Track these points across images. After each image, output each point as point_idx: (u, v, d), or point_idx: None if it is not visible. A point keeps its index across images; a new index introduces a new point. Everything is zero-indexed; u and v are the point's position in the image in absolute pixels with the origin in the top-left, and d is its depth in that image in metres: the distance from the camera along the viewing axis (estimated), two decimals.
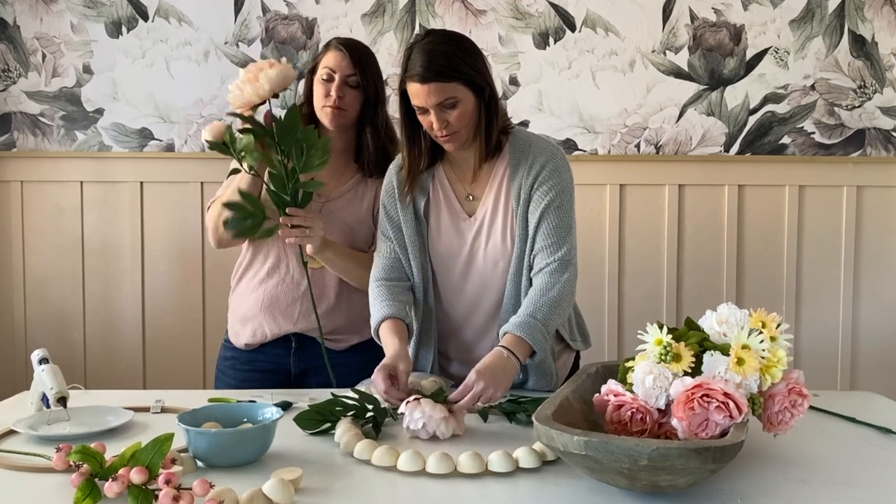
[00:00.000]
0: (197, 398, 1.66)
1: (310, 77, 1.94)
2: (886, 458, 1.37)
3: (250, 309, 1.98)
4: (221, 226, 1.88)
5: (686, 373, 1.24)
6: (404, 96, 1.69)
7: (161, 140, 2.94)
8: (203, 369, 2.96)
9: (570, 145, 2.92)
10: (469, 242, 1.77)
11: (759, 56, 2.90)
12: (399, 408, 1.50)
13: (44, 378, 1.58)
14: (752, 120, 2.92)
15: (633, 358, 1.31)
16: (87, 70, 2.92)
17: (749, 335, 1.26)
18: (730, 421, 1.18)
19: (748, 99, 2.91)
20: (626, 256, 2.96)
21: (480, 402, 1.52)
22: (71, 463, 1.19)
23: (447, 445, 1.42)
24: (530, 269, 1.73)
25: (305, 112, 1.92)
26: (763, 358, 1.26)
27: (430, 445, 1.42)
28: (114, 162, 2.95)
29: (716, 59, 2.90)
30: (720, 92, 2.91)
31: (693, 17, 2.89)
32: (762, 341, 1.26)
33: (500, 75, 2.88)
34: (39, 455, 1.35)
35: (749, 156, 2.93)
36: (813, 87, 2.91)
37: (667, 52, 2.90)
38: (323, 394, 1.66)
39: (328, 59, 1.89)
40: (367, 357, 1.83)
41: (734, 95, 2.91)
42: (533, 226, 1.72)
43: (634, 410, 1.25)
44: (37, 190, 2.97)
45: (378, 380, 1.55)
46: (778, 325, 1.31)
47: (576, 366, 1.90)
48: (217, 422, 1.38)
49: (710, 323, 1.33)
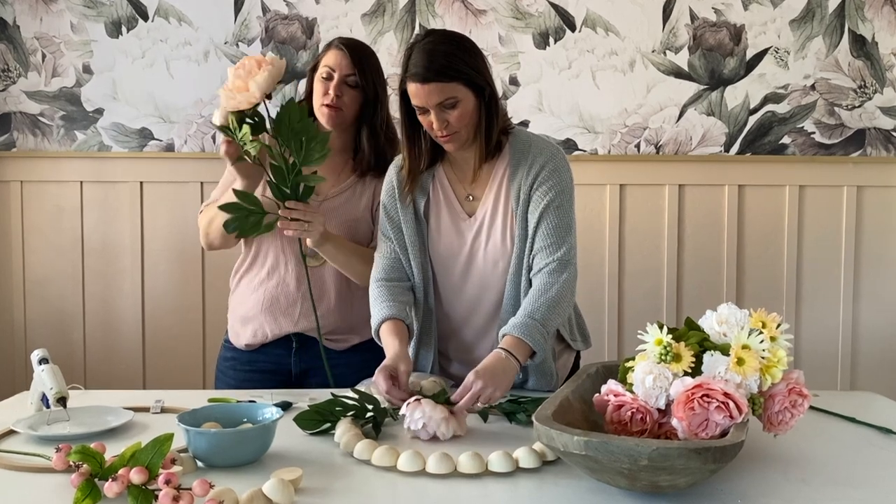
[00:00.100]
0: (197, 398, 1.66)
1: (310, 75, 1.94)
2: (887, 459, 1.37)
3: (251, 309, 1.97)
4: (214, 231, 1.92)
5: (686, 373, 1.24)
6: (404, 96, 1.69)
7: (161, 140, 2.94)
8: (203, 369, 2.96)
9: (570, 145, 2.92)
10: (469, 243, 1.77)
11: (760, 56, 2.90)
12: (400, 409, 1.50)
13: (43, 378, 1.58)
14: (753, 120, 2.92)
15: (633, 358, 1.31)
16: (87, 70, 2.92)
17: (749, 335, 1.26)
18: (730, 421, 1.18)
19: (748, 99, 2.91)
20: (626, 256, 2.96)
21: (480, 402, 1.51)
22: (71, 463, 1.19)
23: (447, 445, 1.42)
24: (530, 270, 1.73)
25: (305, 110, 1.92)
26: (763, 358, 1.26)
27: (431, 445, 1.42)
28: (114, 162, 2.95)
29: (716, 59, 2.90)
30: (720, 92, 2.91)
31: (693, 17, 2.88)
32: (762, 341, 1.26)
33: (500, 75, 2.88)
34: (39, 455, 1.35)
35: (749, 156, 2.93)
36: (813, 87, 2.91)
37: (667, 52, 2.90)
38: (323, 394, 1.66)
39: (328, 58, 1.90)
40: (368, 357, 1.83)
41: (734, 95, 2.91)
42: (532, 226, 1.71)
43: (634, 410, 1.25)
44: (37, 190, 2.97)
45: (379, 380, 1.55)
46: (778, 325, 1.31)
47: (576, 366, 1.89)
48: (217, 422, 1.38)
49: (710, 323, 1.32)
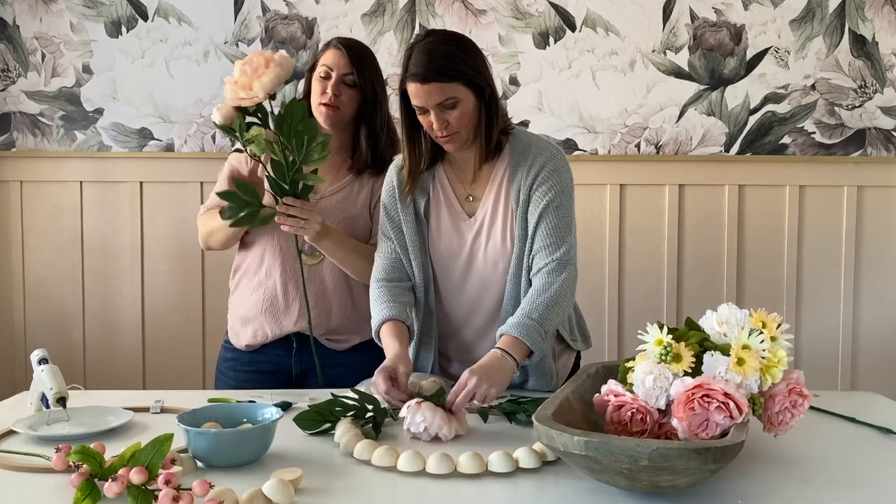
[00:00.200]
0: (197, 398, 1.66)
1: (309, 75, 1.95)
2: (887, 459, 1.37)
3: (251, 310, 1.97)
4: (213, 241, 1.96)
5: (686, 373, 1.24)
6: (404, 96, 1.69)
7: (161, 140, 2.94)
8: (203, 369, 2.95)
9: (570, 145, 2.92)
10: (469, 243, 1.77)
11: (760, 56, 2.90)
12: (400, 410, 1.50)
13: (43, 378, 1.58)
14: (753, 120, 2.91)
15: (634, 358, 1.31)
16: (87, 70, 2.92)
17: (749, 335, 1.26)
18: (730, 421, 1.18)
19: (748, 99, 2.91)
20: (626, 256, 2.96)
21: (476, 400, 1.51)
22: (70, 463, 1.19)
23: (447, 446, 1.42)
24: (530, 270, 1.72)
25: (306, 109, 1.92)
26: (763, 358, 1.26)
27: (431, 446, 1.42)
28: (113, 162, 2.95)
29: (716, 59, 2.90)
30: (720, 92, 2.91)
31: (693, 17, 2.88)
32: (762, 341, 1.26)
33: (500, 75, 2.88)
34: (39, 455, 1.35)
35: (749, 156, 2.93)
36: (813, 87, 2.91)
37: (667, 52, 2.90)
38: (323, 394, 1.66)
39: (327, 58, 1.90)
40: (368, 357, 1.83)
41: (734, 95, 2.91)
42: (532, 226, 1.71)
43: (635, 411, 1.25)
44: (36, 190, 2.97)
45: (379, 381, 1.55)
46: (778, 325, 1.31)
47: (576, 366, 1.89)
48: (217, 422, 1.38)
49: (711, 323, 1.32)
